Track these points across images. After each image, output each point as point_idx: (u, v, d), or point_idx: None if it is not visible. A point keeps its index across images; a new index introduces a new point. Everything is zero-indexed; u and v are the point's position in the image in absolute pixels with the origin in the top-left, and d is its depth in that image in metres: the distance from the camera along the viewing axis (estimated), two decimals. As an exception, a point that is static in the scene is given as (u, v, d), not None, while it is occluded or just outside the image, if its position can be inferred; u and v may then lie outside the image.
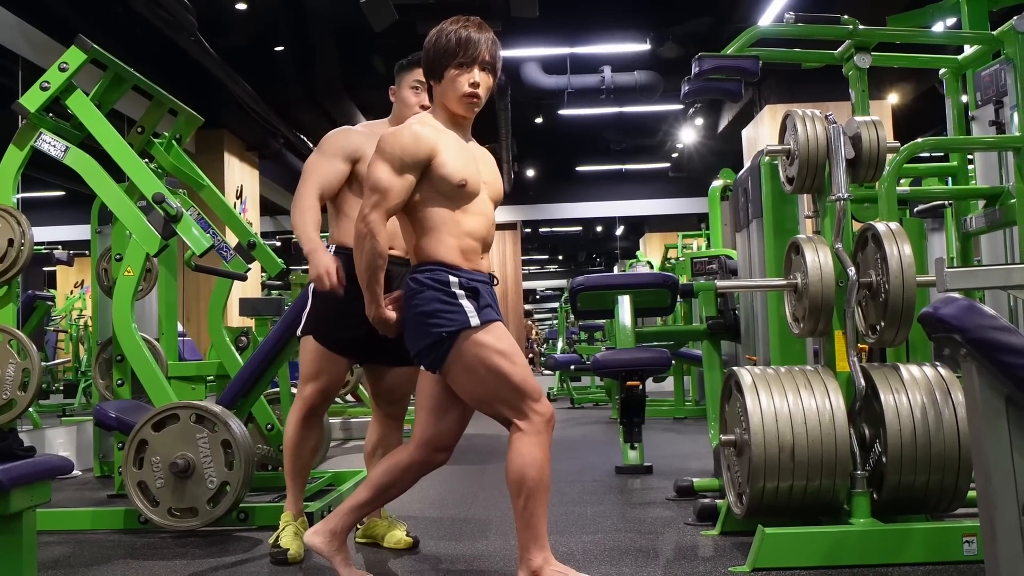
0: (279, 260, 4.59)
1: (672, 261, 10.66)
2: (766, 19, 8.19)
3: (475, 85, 2.61)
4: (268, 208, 14.36)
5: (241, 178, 11.43)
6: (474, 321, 2.52)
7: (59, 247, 10.63)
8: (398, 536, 3.35)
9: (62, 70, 3.80)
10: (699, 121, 13.25)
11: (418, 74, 3.24)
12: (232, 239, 4.55)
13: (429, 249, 2.59)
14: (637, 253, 17.22)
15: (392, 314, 2.64)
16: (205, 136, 10.29)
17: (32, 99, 3.79)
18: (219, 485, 3.54)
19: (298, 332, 3.27)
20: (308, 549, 2.81)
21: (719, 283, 3.70)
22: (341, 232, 3.24)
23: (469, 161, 2.63)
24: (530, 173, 16.84)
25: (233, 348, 4.51)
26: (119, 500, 4.26)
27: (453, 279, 2.55)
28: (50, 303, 8.46)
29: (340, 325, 3.10)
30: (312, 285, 3.10)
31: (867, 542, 2.87)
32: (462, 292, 2.55)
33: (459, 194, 2.58)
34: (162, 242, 3.71)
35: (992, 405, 1.71)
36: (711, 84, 3.67)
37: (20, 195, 4.08)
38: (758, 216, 3.97)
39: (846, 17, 3.52)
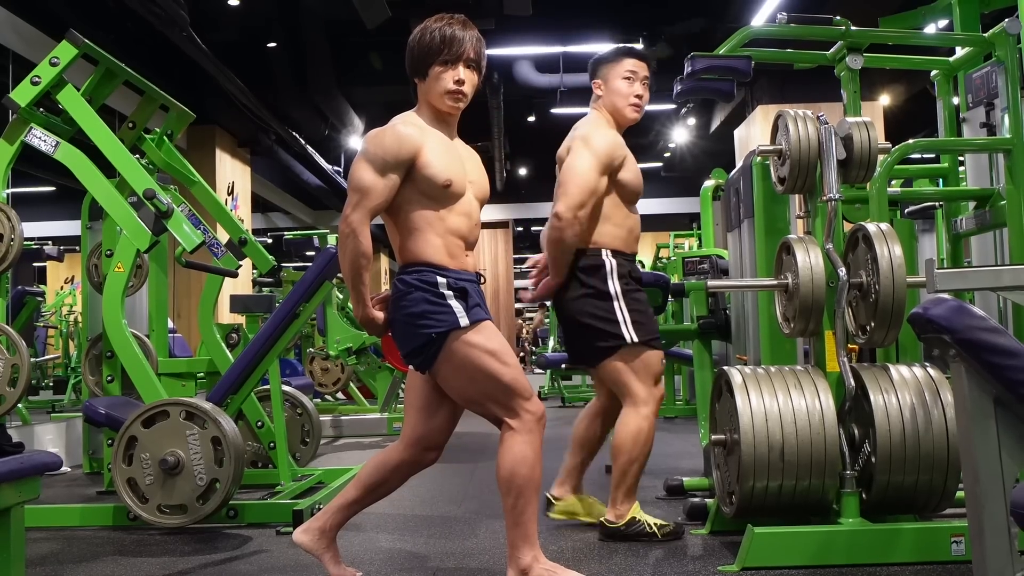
0: (270, 257, 4.58)
1: (664, 260, 10.67)
2: (759, 19, 8.20)
3: (460, 82, 2.60)
4: (259, 205, 14.33)
5: (233, 174, 11.41)
6: (463, 321, 2.52)
7: (49, 243, 10.59)
8: (599, 509, 3.52)
9: (53, 65, 3.79)
10: (691, 121, 13.25)
11: (629, 64, 3.41)
12: (223, 236, 4.54)
13: (415, 250, 2.59)
14: (629, 252, 17.19)
15: (379, 314, 2.63)
16: (197, 132, 10.27)
17: (23, 94, 3.77)
18: (208, 482, 3.53)
19: (635, 339, 3.26)
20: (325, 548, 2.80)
21: (710, 283, 3.71)
22: (600, 235, 3.35)
23: (454, 160, 2.62)
24: (522, 172, 16.83)
25: (224, 345, 4.49)
26: (108, 497, 4.25)
27: (441, 279, 2.55)
28: (40, 299, 8.43)
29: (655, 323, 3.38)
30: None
31: (856, 542, 2.88)
32: (450, 292, 2.54)
33: (444, 195, 2.58)
34: (153, 238, 3.70)
35: (980, 405, 1.71)
36: (703, 84, 3.67)
37: (10, 190, 4.06)
38: (749, 216, 3.98)
39: (838, 18, 3.53)
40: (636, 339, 3.24)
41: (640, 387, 3.26)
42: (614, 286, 3.29)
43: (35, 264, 9.81)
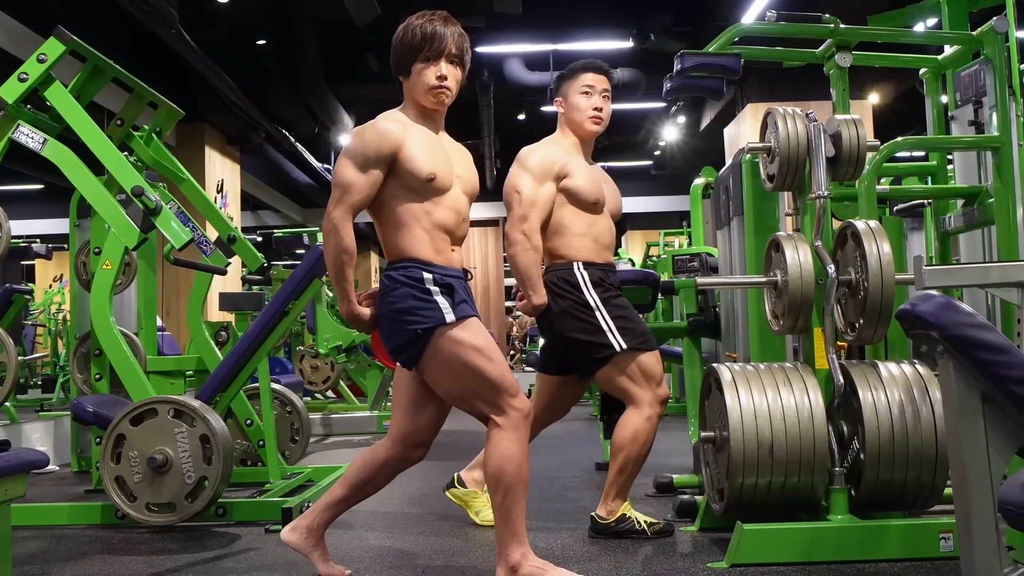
0: (259, 255, 4.57)
1: (654, 258, 10.68)
2: (748, 17, 8.21)
3: (442, 78, 2.61)
4: (249, 203, 14.28)
5: (222, 172, 11.37)
6: (449, 317, 2.52)
7: (37, 241, 10.54)
8: (485, 515, 3.56)
9: (41, 61, 3.76)
10: (681, 119, 13.25)
11: (587, 78, 3.40)
12: (212, 233, 4.53)
13: (402, 245, 2.59)
14: (619, 250, 17.21)
15: (365, 310, 2.63)
16: (186, 130, 10.23)
17: (10, 90, 3.75)
18: (197, 480, 3.52)
19: (624, 346, 3.23)
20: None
21: (700, 280, 3.71)
22: (566, 247, 3.35)
23: (439, 154, 2.62)
24: (513, 170, 16.79)
25: (212, 343, 4.48)
26: (96, 495, 4.23)
27: (427, 275, 2.55)
28: (28, 297, 8.39)
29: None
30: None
31: (845, 538, 2.88)
32: (436, 289, 2.54)
33: (428, 189, 2.58)
34: (141, 236, 3.69)
35: (968, 402, 1.71)
36: (693, 81, 3.67)
37: (-3, 187, 4.04)
38: (739, 214, 3.98)
39: (827, 16, 3.53)
40: (625, 346, 3.22)
41: (640, 391, 3.24)
42: (592, 297, 3.28)
43: (23, 262, 9.77)
